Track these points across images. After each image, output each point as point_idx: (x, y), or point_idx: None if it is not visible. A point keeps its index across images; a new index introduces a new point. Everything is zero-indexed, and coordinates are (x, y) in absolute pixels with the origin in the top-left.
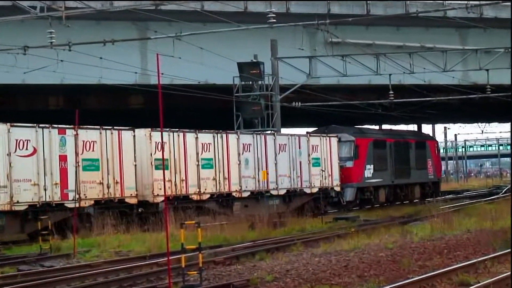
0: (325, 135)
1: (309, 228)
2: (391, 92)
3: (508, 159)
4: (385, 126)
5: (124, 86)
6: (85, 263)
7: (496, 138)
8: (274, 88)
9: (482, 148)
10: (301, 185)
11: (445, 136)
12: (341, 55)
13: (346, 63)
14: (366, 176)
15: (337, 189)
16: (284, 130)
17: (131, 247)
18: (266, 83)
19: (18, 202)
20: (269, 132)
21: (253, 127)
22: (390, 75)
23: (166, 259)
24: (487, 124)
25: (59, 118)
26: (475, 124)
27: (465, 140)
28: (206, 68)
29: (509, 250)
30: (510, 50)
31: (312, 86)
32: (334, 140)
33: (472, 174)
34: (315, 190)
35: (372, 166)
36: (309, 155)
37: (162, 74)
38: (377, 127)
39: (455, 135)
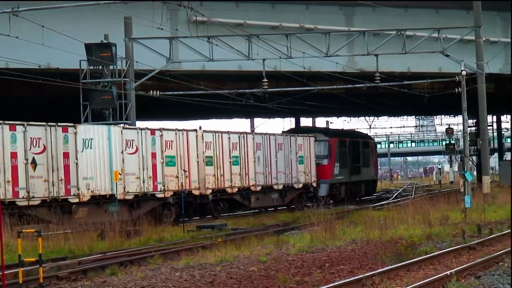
0: (306, 135)
1: (168, 238)
2: (265, 80)
3: (399, 159)
4: (257, 120)
5: None
6: None
7: (385, 135)
8: (128, 74)
9: None
10: (291, 181)
11: None
12: (207, 36)
13: (213, 45)
14: (335, 173)
15: (314, 184)
16: (140, 124)
17: None
18: (119, 68)
19: (128, 192)
20: (271, 132)
21: (103, 119)
22: (263, 60)
23: (0, 273)
24: (375, 118)
25: None
26: (362, 118)
27: None
28: (48, 50)
29: (400, 264)
30: (402, 33)
31: (173, 72)
32: (312, 140)
33: None
34: (300, 185)
35: (338, 164)
36: (296, 154)
37: None
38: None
39: None
